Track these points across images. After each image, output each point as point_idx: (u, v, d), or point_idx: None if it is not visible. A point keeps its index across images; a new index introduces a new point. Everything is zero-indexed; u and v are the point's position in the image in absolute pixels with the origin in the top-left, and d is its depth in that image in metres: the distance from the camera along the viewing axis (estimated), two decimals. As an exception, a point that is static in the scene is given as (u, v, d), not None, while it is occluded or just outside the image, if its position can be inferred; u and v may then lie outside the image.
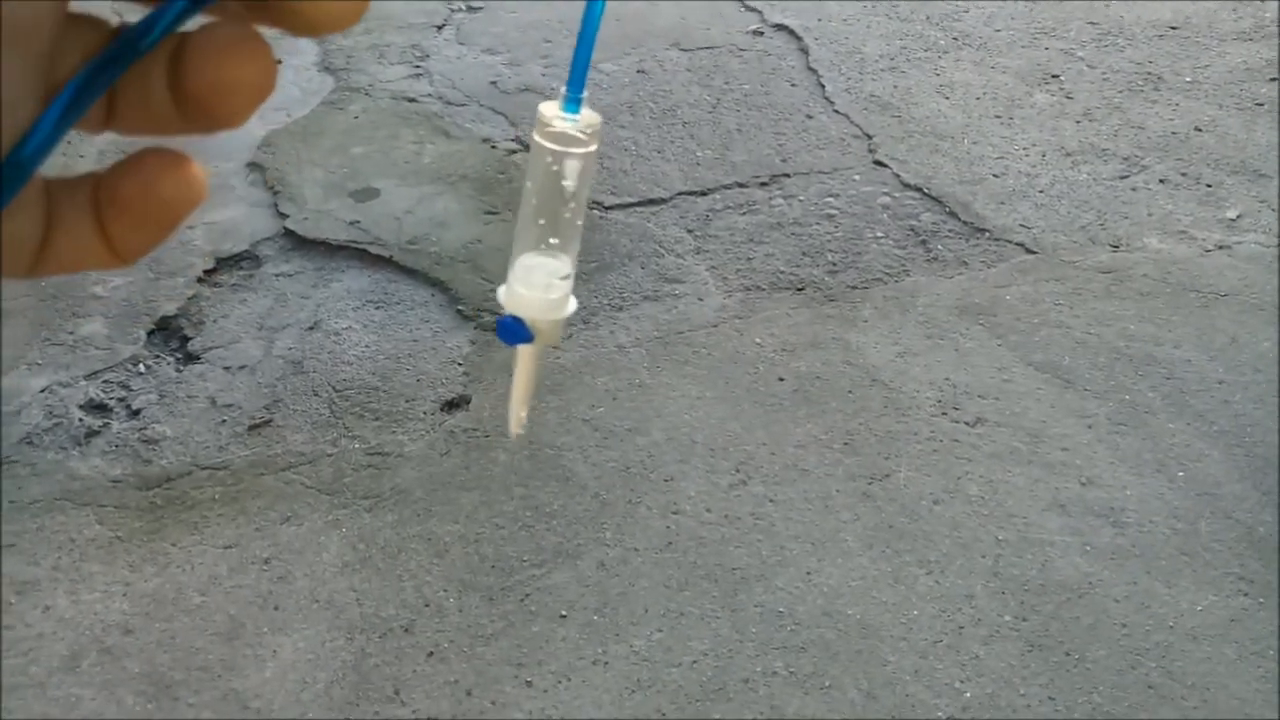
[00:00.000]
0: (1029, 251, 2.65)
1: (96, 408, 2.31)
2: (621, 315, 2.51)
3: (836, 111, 3.33)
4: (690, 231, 2.80)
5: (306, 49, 3.99)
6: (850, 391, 2.25)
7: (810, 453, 2.10)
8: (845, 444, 2.12)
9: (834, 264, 2.65)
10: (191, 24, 0.27)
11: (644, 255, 2.71)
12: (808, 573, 1.85)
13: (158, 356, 2.46)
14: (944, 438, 2.12)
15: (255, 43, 0.27)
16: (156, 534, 1.98)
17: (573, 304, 0.66)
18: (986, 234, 2.72)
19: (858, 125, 3.24)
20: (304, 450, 2.16)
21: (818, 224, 2.80)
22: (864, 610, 1.78)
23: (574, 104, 0.57)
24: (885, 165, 3.03)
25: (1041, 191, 2.88)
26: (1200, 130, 3.10)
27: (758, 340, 2.41)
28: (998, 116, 3.25)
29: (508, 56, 3.84)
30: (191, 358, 2.45)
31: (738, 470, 2.06)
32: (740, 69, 3.61)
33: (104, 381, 2.37)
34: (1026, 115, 3.25)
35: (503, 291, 0.65)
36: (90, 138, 3.38)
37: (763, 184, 2.99)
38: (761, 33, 3.87)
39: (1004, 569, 1.85)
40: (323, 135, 3.37)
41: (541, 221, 0.61)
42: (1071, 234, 2.71)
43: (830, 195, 2.92)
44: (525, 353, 0.68)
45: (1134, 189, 2.87)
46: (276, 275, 2.71)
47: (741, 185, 2.99)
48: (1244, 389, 2.19)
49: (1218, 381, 2.21)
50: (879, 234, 2.75)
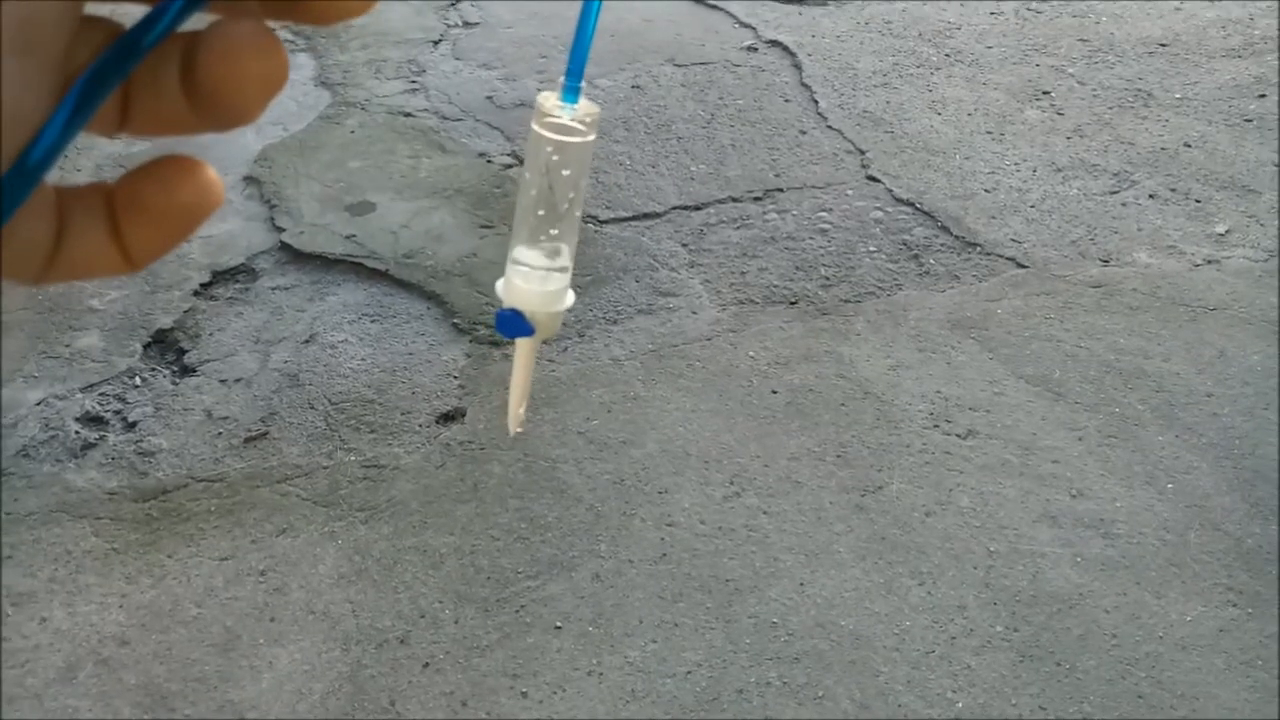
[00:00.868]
0: (1020, 266, 2.67)
1: (93, 420, 2.32)
2: (616, 328, 2.53)
3: (830, 127, 3.36)
4: (684, 245, 2.82)
5: (304, 64, 4.02)
6: (843, 404, 2.27)
7: (803, 465, 2.12)
8: (838, 456, 2.13)
9: (827, 278, 2.68)
10: (200, 21, 0.28)
11: (638, 269, 2.73)
12: (801, 584, 1.86)
13: (154, 369, 2.47)
14: (936, 450, 2.14)
15: (266, 37, 0.27)
16: (152, 546, 1.99)
17: (570, 297, 0.67)
18: (978, 248, 2.75)
19: (851, 141, 3.27)
20: (300, 463, 2.17)
21: (811, 238, 2.83)
22: (857, 621, 1.80)
23: (572, 93, 0.59)
24: (878, 180, 3.06)
25: (1032, 206, 2.91)
26: (1189, 146, 3.13)
27: (751, 353, 2.43)
28: (989, 132, 3.29)
29: (503, 72, 3.87)
30: (188, 370, 2.46)
31: (731, 482, 2.08)
32: (734, 85, 3.65)
33: (100, 394, 2.38)
34: (1018, 131, 3.28)
35: (500, 285, 0.66)
36: (88, 149, 3.40)
37: (756, 199, 3.02)
38: (755, 49, 3.90)
39: (995, 580, 1.86)
40: (319, 149, 3.39)
41: (541, 213, 0.62)
42: (1062, 249, 2.73)
43: (823, 210, 2.94)
44: (523, 347, 0.68)
45: (1124, 204, 2.90)
46: (273, 289, 2.72)
47: (735, 200, 3.01)
48: (1232, 402, 2.21)
49: (1206, 395, 2.24)
50: (872, 248, 2.78)
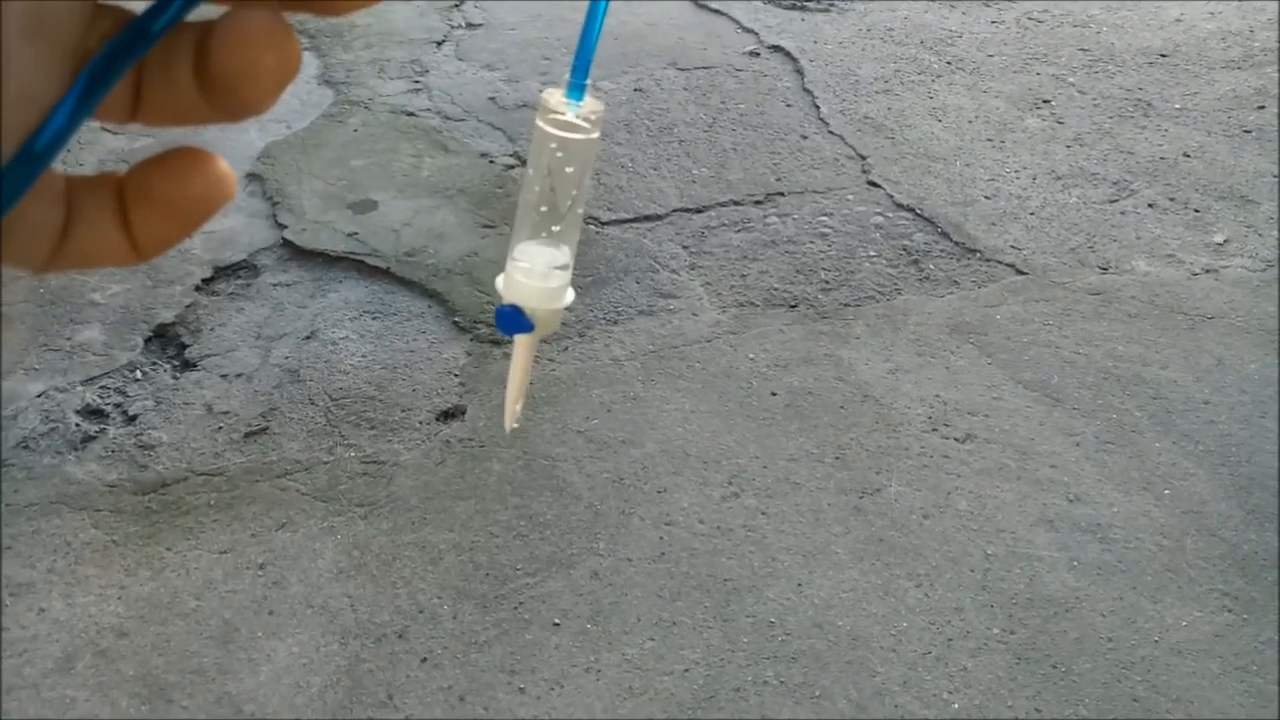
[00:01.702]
0: (1019, 272, 2.69)
1: (93, 413, 2.32)
2: (616, 329, 2.53)
3: (831, 132, 3.37)
4: (685, 248, 2.83)
5: (307, 62, 4.02)
6: (842, 407, 2.27)
7: (802, 466, 2.12)
8: (836, 458, 2.14)
9: (827, 282, 2.69)
10: (210, 11, 0.28)
11: (639, 270, 2.74)
12: (799, 584, 1.87)
13: (155, 363, 2.47)
14: (934, 453, 2.15)
15: (280, 28, 0.28)
16: (152, 538, 1.99)
17: (570, 294, 0.68)
18: (977, 254, 2.76)
19: (852, 146, 3.28)
20: (300, 458, 2.18)
21: (811, 242, 2.84)
22: (854, 622, 1.80)
23: (578, 91, 0.59)
24: (878, 186, 3.07)
25: (1032, 214, 2.92)
26: (1189, 156, 3.15)
27: (751, 355, 2.44)
28: (989, 140, 3.30)
29: (506, 73, 3.88)
30: (188, 365, 2.46)
31: (730, 483, 2.09)
32: (736, 89, 3.66)
33: (101, 387, 2.39)
34: (1018, 139, 3.30)
35: (501, 281, 0.66)
36: (91, 144, 3.40)
37: (758, 202, 3.03)
38: (758, 54, 3.92)
39: (992, 583, 1.87)
40: (322, 147, 3.40)
41: (543, 209, 0.62)
42: (1061, 256, 2.75)
43: (824, 214, 2.96)
44: (522, 344, 0.69)
45: (1123, 213, 2.91)
46: (274, 285, 2.73)
47: (737, 203, 3.02)
48: (1229, 410, 2.22)
49: (1203, 402, 2.25)
50: (872, 253, 2.79)
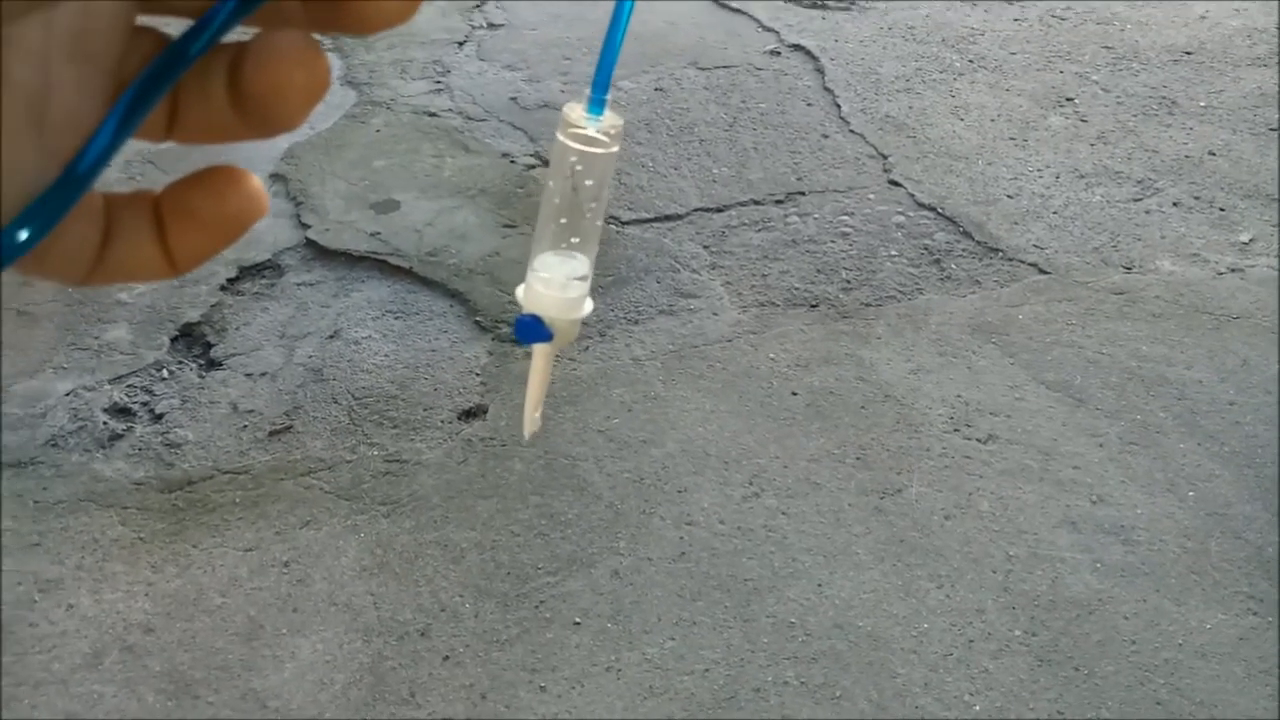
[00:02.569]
0: (1042, 272, 2.67)
1: (120, 411, 2.35)
2: (637, 329, 2.54)
3: (852, 131, 3.36)
4: (706, 247, 2.83)
5: (330, 63, 4.05)
6: (863, 407, 2.27)
7: (823, 466, 2.12)
8: (858, 458, 2.14)
9: (848, 281, 2.68)
10: (245, 34, 0.29)
11: (660, 270, 2.75)
12: (819, 585, 1.87)
13: (181, 362, 2.50)
14: (956, 454, 2.14)
15: (310, 48, 0.29)
16: (178, 536, 2.01)
17: (589, 305, 0.68)
18: (1000, 254, 2.75)
19: (873, 145, 3.28)
20: (323, 456, 2.20)
21: (832, 242, 2.84)
22: (875, 622, 1.80)
23: (598, 105, 0.60)
24: (900, 185, 3.06)
25: (1055, 213, 2.91)
26: (1214, 154, 3.12)
27: (772, 355, 2.44)
28: (1012, 138, 3.28)
29: (528, 73, 3.89)
30: (214, 364, 2.49)
31: (750, 483, 2.09)
32: (757, 88, 3.66)
33: (128, 386, 2.42)
34: (1041, 137, 3.28)
35: (521, 290, 0.67)
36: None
37: (778, 202, 3.03)
38: (778, 53, 3.91)
39: (1014, 584, 1.86)
40: (345, 148, 3.42)
41: (563, 221, 0.63)
42: (1084, 255, 2.73)
43: (845, 214, 2.95)
44: (540, 352, 0.70)
45: (1147, 211, 2.89)
46: (298, 284, 2.75)
47: (757, 203, 3.02)
48: (1255, 411, 2.21)
49: (1229, 403, 2.23)
50: (893, 252, 2.78)
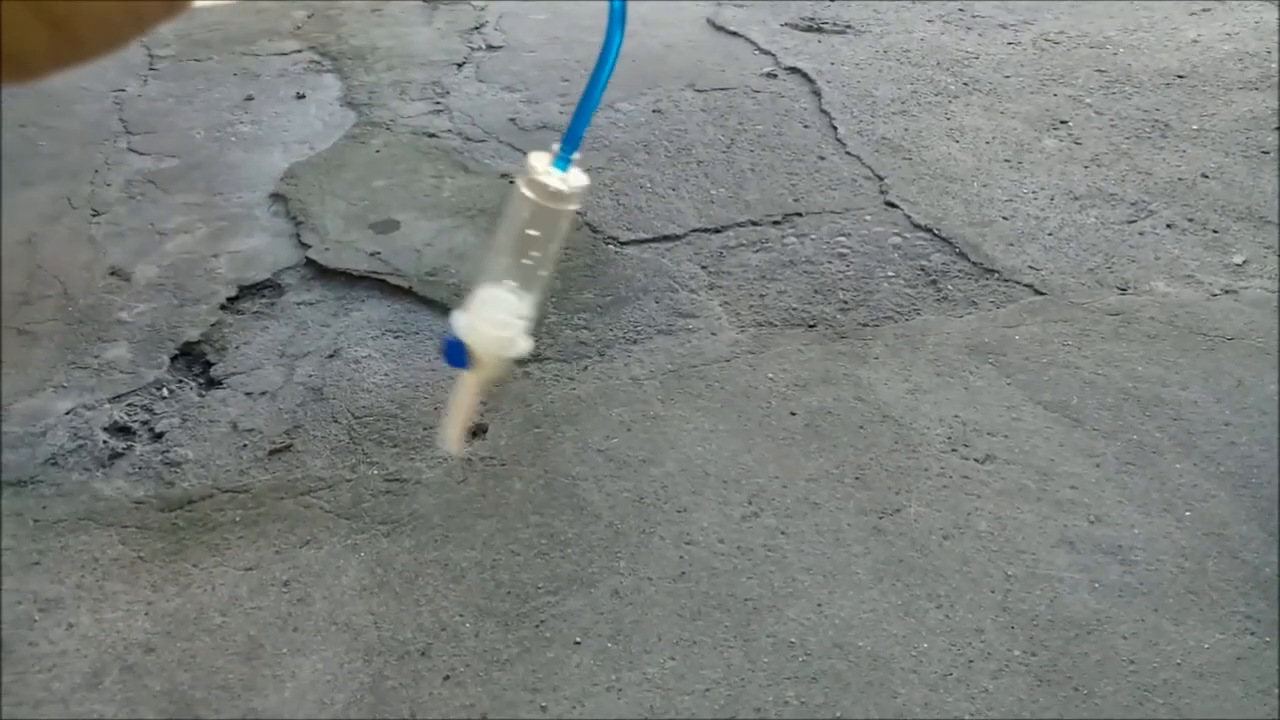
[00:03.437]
0: (1038, 293, 2.69)
1: (120, 430, 2.35)
2: (636, 348, 2.55)
3: (848, 153, 3.39)
4: (704, 268, 2.85)
5: (330, 85, 4.08)
6: (861, 427, 2.28)
7: (822, 486, 2.13)
8: (856, 478, 2.15)
9: (845, 302, 2.70)
10: None
11: (658, 290, 2.76)
12: (819, 604, 1.88)
13: (181, 381, 2.51)
14: (954, 474, 2.15)
15: None
16: (178, 555, 2.01)
17: (523, 346, 0.68)
18: (996, 275, 2.77)
19: (869, 167, 3.30)
20: (323, 475, 2.20)
21: (830, 262, 2.85)
22: (874, 642, 1.81)
23: (564, 162, 0.59)
24: (896, 206, 3.09)
25: (1050, 234, 2.93)
26: (1207, 177, 3.15)
27: (770, 375, 2.45)
28: (1007, 160, 3.31)
29: (526, 94, 3.92)
30: (214, 383, 2.50)
31: (750, 502, 2.09)
32: (754, 110, 3.69)
33: (128, 405, 2.42)
34: (1035, 160, 3.31)
35: (459, 316, 0.67)
36: (119, 165, 3.46)
37: (776, 222, 3.05)
38: (775, 75, 3.95)
39: (1013, 604, 1.87)
40: (345, 168, 3.44)
41: (504, 262, 0.63)
42: (1079, 276, 2.75)
43: (842, 234, 2.97)
44: (468, 383, 0.69)
45: (1141, 233, 2.92)
46: (298, 304, 2.76)
47: (755, 223, 3.04)
48: (1250, 431, 2.22)
49: (1224, 423, 2.24)
50: (890, 273, 2.80)
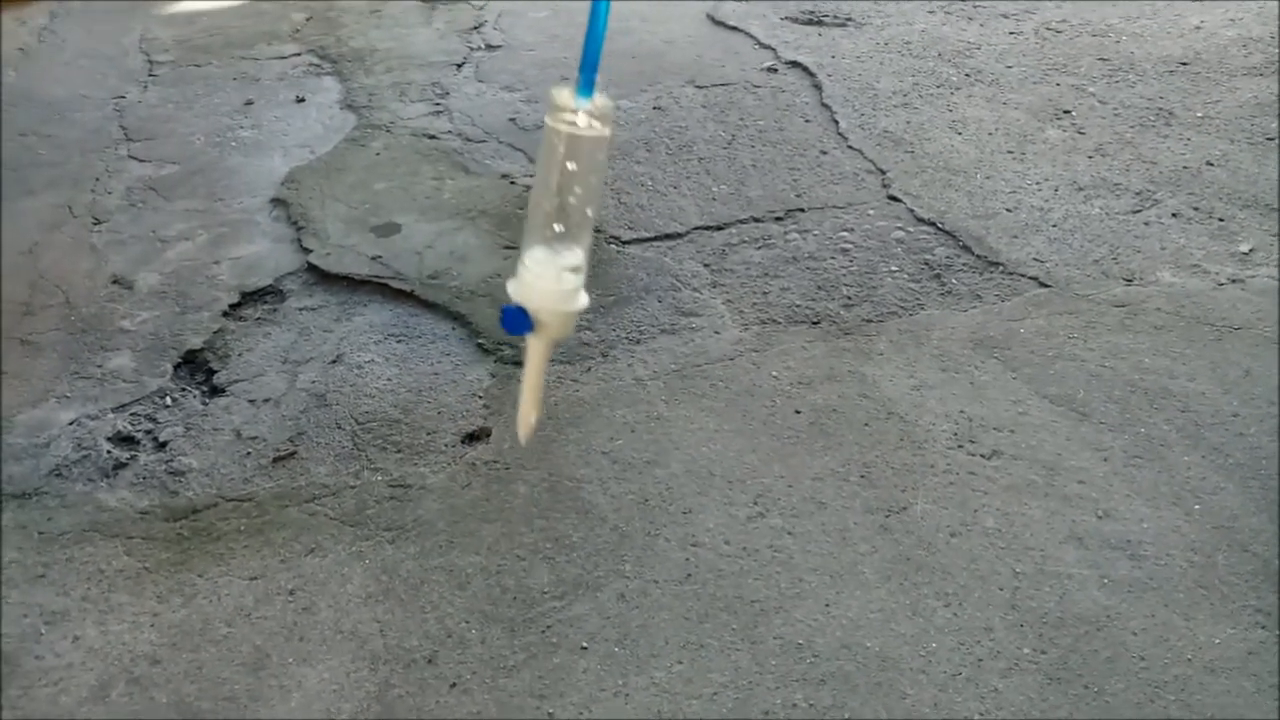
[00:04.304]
0: (1042, 285, 2.67)
1: (124, 440, 2.35)
2: (639, 348, 2.54)
3: (850, 147, 3.37)
4: (706, 266, 2.84)
5: (330, 87, 4.08)
6: (866, 424, 2.27)
7: (827, 485, 2.12)
8: (862, 476, 2.14)
9: (849, 298, 2.68)
10: None
11: (661, 289, 2.75)
12: (826, 605, 1.87)
13: (184, 389, 2.50)
14: (960, 470, 2.14)
15: None
16: (183, 565, 2.01)
17: (584, 299, 0.65)
18: (1000, 268, 2.75)
19: (871, 161, 3.29)
20: (327, 482, 2.19)
21: (833, 258, 2.84)
22: (883, 642, 1.80)
23: (587, 86, 0.58)
24: (899, 200, 3.07)
25: (1054, 226, 2.91)
26: (1212, 165, 3.13)
27: (774, 373, 2.44)
28: (1010, 152, 3.29)
29: (526, 94, 3.91)
30: (217, 391, 2.49)
31: (755, 502, 2.08)
32: (755, 105, 3.67)
33: (131, 414, 2.42)
34: (1039, 150, 3.29)
35: (512, 284, 0.64)
36: (119, 173, 3.45)
37: (778, 219, 3.03)
38: (775, 70, 3.93)
39: (1022, 601, 1.86)
40: (345, 171, 3.44)
41: (549, 208, 0.61)
42: (1085, 268, 2.73)
43: (845, 230, 2.96)
44: (534, 349, 0.67)
45: (1146, 223, 2.90)
46: (300, 309, 2.76)
47: (757, 220, 3.03)
48: (1259, 422, 2.20)
49: (1232, 415, 2.23)
50: (893, 268, 2.78)
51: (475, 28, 4.59)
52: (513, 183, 3.32)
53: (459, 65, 4.20)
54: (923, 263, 2.80)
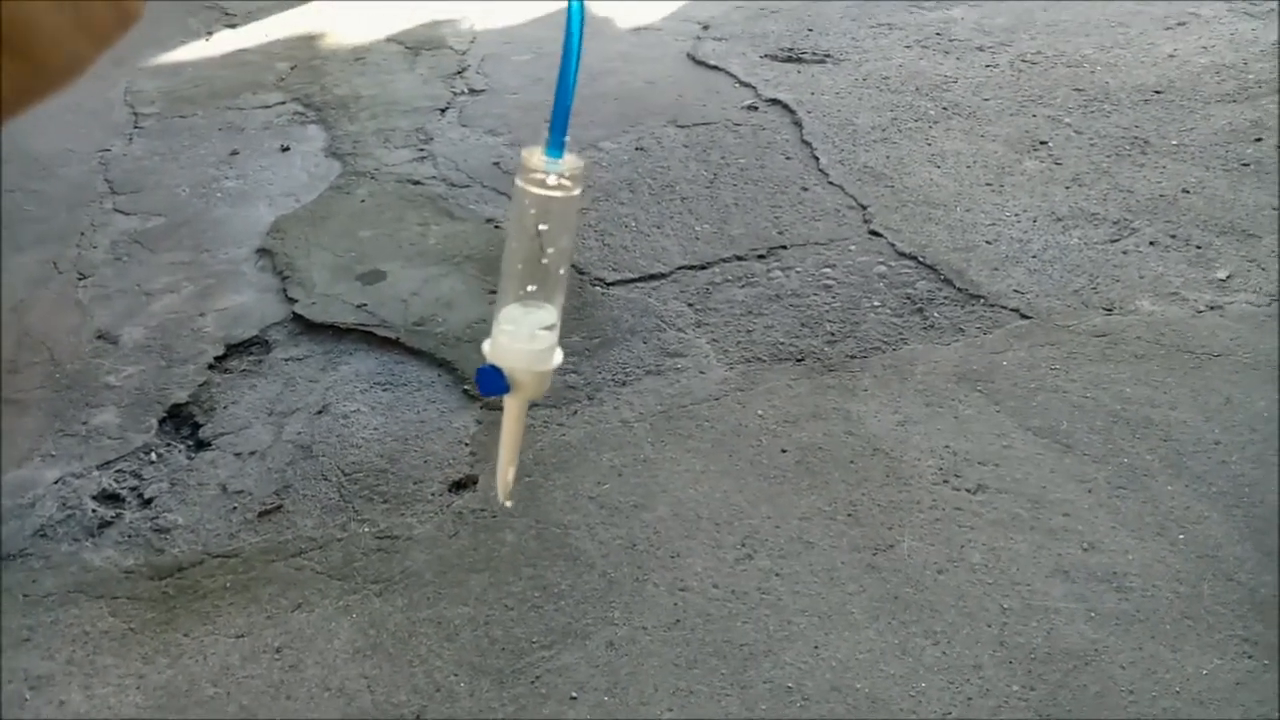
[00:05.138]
0: (1024, 317, 2.69)
1: (109, 498, 2.34)
2: (625, 390, 2.55)
3: (831, 183, 3.40)
4: (690, 305, 2.86)
5: (314, 135, 4.10)
6: (852, 462, 2.28)
7: (814, 524, 2.12)
8: (849, 515, 2.14)
9: (833, 334, 2.70)
10: None
11: (645, 330, 2.76)
12: (815, 646, 1.86)
13: (169, 444, 2.50)
14: (946, 506, 2.14)
15: None
16: (169, 625, 2.00)
17: (558, 356, 0.67)
18: (981, 300, 2.77)
19: (852, 196, 3.31)
20: (314, 535, 2.19)
21: (815, 295, 2.86)
22: (872, 684, 1.79)
23: (556, 148, 0.58)
24: (880, 235, 3.10)
25: (1034, 257, 2.93)
26: (1188, 192, 3.16)
27: (760, 412, 2.44)
28: (988, 184, 3.32)
29: (509, 138, 3.95)
30: (202, 444, 2.49)
31: (743, 544, 2.08)
32: (736, 144, 3.71)
33: (117, 471, 2.41)
34: (1017, 182, 3.32)
35: (486, 344, 0.66)
36: (104, 226, 3.47)
37: (760, 256, 3.05)
38: (756, 108, 3.97)
39: (1010, 638, 1.86)
40: (330, 219, 3.46)
41: (520, 267, 0.61)
42: (1065, 298, 2.75)
43: (827, 266, 2.98)
44: (511, 408, 0.68)
45: (1125, 252, 2.92)
46: (286, 360, 2.76)
47: (740, 258, 3.05)
48: (1241, 449, 2.21)
49: (1214, 442, 2.24)
50: (876, 303, 2.80)
51: (458, 72, 4.64)
52: (497, 227, 3.34)
53: (442, 110, 4.24)
54: (905, 297, 2.81)
